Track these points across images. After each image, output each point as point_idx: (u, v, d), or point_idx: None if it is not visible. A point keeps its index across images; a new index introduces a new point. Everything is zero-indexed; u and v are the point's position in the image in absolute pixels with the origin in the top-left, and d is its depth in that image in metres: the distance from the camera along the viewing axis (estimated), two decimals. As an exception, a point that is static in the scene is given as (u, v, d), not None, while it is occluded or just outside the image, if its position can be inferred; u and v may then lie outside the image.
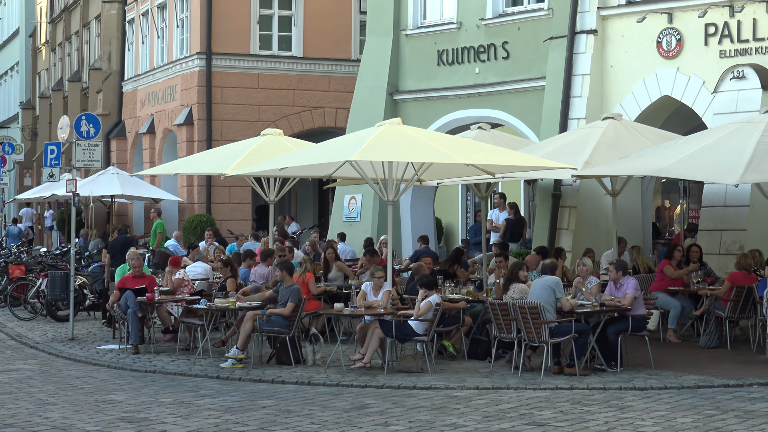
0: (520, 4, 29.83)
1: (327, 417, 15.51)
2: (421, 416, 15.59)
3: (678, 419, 15.02)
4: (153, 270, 26.19)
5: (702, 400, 16.71)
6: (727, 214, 24.95)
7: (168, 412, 16.02)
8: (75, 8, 58.07)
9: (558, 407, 16.23)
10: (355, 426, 14.84)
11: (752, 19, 24.55)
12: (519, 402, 16.77)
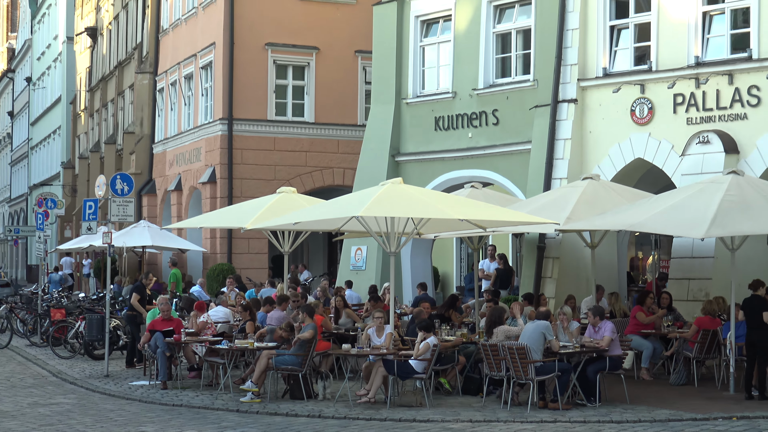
0: (509, 76, 29.92)
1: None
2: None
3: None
4: (179, 314, 26.20)
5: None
6: (693, 264, 24.97)
7: (193, 442, 16.04)
8: (111, 78, 58.34)
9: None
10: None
11: (716, 90, 24.65)
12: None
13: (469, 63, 30.50)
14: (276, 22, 39.54)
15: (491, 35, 30.08)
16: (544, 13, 28.45)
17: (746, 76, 24.21)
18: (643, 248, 33.04)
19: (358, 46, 38.94)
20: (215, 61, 40.29)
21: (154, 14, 48.93)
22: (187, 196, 43.38)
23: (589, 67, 27.33)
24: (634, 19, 26.67)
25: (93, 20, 65.62)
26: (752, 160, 23.84)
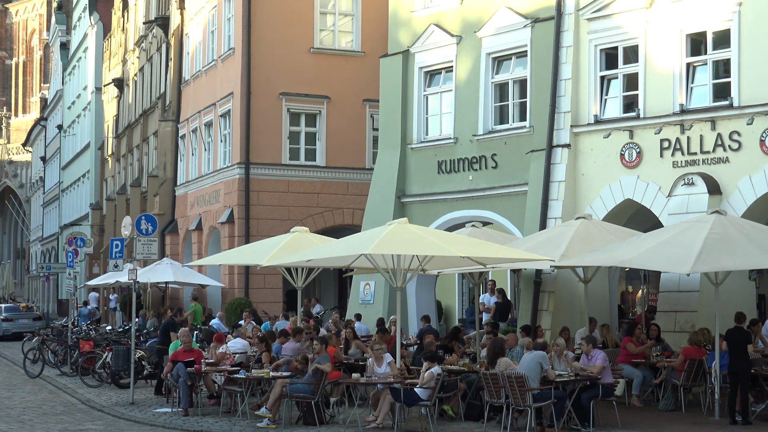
0: (506, 123, 29.97)
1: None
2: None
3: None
4: (200, 345, 26.22)
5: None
6: (680, 298, 24.93)
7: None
8: (136, 126, 58.51)
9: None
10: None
11: (699, 135, 24.68)
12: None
13: (469, 111, 30.58)
14: (289, 73, 39.71)
15: (490, 85, 30.18)
16: (539, 65, 28.55)
17: (728, 123, 24.26)
18: (633, 283, 33.04)
19: (366, 95, 39.05)
20: (233, 109, 40.44)
21: (176, 66, 49.16)
22: (207, 235, 43.44)
23: (581, 114, 27.39)
24: (623, 69, 26.77)
25: (120, 72, 65.91)
26: (734, 200, 23.84)
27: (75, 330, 37.55)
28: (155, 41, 53.77)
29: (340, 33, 40.85)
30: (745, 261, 19.89)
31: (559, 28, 27.81)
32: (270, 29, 39.50)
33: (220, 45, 42.69)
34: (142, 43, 57.67)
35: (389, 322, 26.50)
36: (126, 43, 64.24)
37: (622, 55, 26.77)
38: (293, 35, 39.73)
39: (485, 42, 30.10)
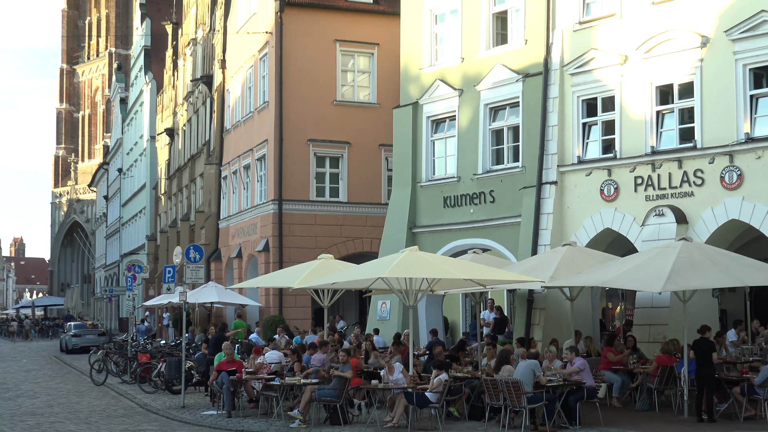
0: (502, 163, 29.94)
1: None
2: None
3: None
4: (241, 356, 26.21)
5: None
6: (653, 313, 24.85)
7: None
8: (185, 169, 58.68)
9: (534, 455, 16.12)
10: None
11: (668, 173, 24.65)
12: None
13: (470, 153, 30.60)
14: (315, 123, 39.79)
15: (487, 131, 30.20)
16: (529, 113, 28.58)
17: (692, 162, 24.23)
18: (612, 300, 32.95)
19: (381, 141, 39.08)
20: (268, 153, 40.54)
21: (219, 117, 49.37)
22: (246, 262, 43.47)
23: (566, 155, 27.39)
24: (601, 117, 26.78)
25: (171, 122, 66.15)
26: (698, 229, 23.79)
27: (134, 344, 37.61)
28: (201, 96, 54.02)
29: (359, 88, 40.96)
30: (708, 281, 19.86)
31: (547, 82, 27.88)
32: (299, 85, 39.63)
33: (256, 99, 42.88)
34: (189, 97, 57.93)
35: (403, 336, 26.41)
36: (176, 97, 64.53)
37: (601, 105, 26.82)
38: (319, 90, 39.87)
39: (483, 94, 30.16)
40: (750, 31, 23.15)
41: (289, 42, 39.63)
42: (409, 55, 33.11)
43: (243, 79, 45.16)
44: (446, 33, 31.94)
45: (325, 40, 39.94)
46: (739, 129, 23.41)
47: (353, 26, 40.33)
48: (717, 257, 20.12)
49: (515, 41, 29.47)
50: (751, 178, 23.10)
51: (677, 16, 24.78)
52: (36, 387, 33.59)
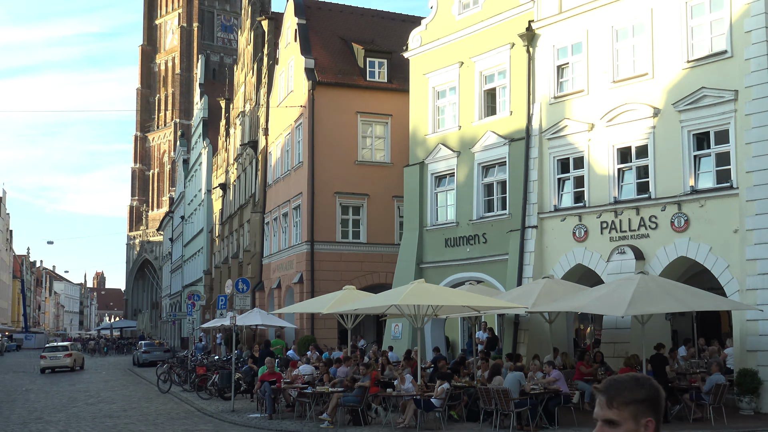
0: (492, 211, 29.96)
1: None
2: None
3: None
4: (280, 369, 26.19)
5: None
6: (617, 333, 24.78)
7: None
8: (235, 216, 58.88)
9: (520, 451, 16.02)
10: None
11: (628, 219, 24.67)
12: (497, 447, 16.57)
13: (466, 203, 30.67)
14: (340, 178, 39.99)
15: (481, 185, 30.31)
16: (514, 171, 28.68)
17: (647, 209, 24.25)
18: (584, 322, 32.77)
19: (394, 193, 39.18)
20: (302, 204, 40.68)
21: (262, 175, 49.64)
22: (284, 291, 43.48)
23: (545, 204, 27.44)
24: (573, 173, 26.86)
25: (224, 179, 66.49)
26: (654, 264, 23.75)
27: (192, 359, 37.60)
28: (248, 157, 54.35)
29: (376, 150, 41.19)
30: (662, 307, 19.84)
31: (528, 145, 28.00)
32: (327, 148, 39.88)
33: (293, 159, 43.11)
34: (239, 158, 58.25)
35: (412, 352, 26.33)
36: (228, 158, 64.90)
37: (572, 163, 26.89)
38: (343, 152, 40.10)
39: (477, 155, 30.28)
40: (693, 103, 23.28)
41: (319, 113, 39.95)
42: (416, 124, 33.32)
43: (282, 144, 45.46)
44: (446, 106, 32.17)
45: (348, 112, 40.24)
46: (685, 183, 23.44)
47: (371, 101, 40.63)
48: (669, 287, 20.08)
49: (502, 112, 29.64)
50: (696, 223, 23.10)
51: (634, 92, 24.94)
52: (113, 394, 33.63)
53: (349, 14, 45.21)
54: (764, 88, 21.98)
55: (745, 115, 22.23)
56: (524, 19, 28.67)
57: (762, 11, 22.18)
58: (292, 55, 42.94)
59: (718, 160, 23.02)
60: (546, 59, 27.71)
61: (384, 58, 41.06)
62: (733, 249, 22.20)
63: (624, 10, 25.43)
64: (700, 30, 23.57)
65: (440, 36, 32.21)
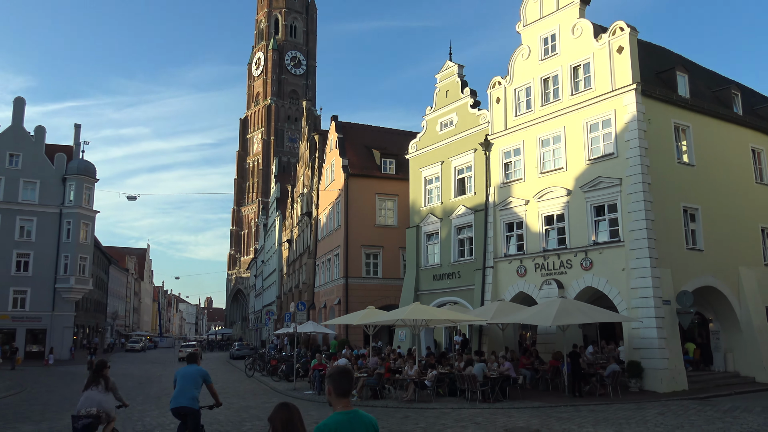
0: (464, 257, 29.83)
1: (396, 420, 15.10)
2: (431, 419, 15.15)
3: (529, 419, 14.51)
4: (325, 360, 25.85)
5: (540, 413, 16.14)
6: (547, 337, 24.48)
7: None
8: (297, 260, 58.77)
9: (482, 415, 15.71)
10: (404, 419, 14.44)
11: (552, 261, 24.52)
12: (468, 413, 16.26)
13: (447, 251, 30.60)
14: (365, 236, 39.86)
15: (456, 240, 30.27)
16: (478, 230, 28.66)
17: (565, 255, 24.13)
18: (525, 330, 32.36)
19: (400, 245, 39.13)
20: (340, 252, 40.55)
21: (314, 233, 49.70)
22: (328, 310, 43.10)
23: (498, 252, 27.35)
24: (516, 232, 26.81)
25: (289, 236, 66.59)
26: (570, 291, 23.55)
27: (268, 354, 37.18)
28: (305, 221, 54.41)
29: (388, 217, 41.13)
30: (576, 319, 19.60)
31: (486, 214, 28.03)
32: (357, 216, 39.91)
33: (334, 223, 43.10)
34: (299, 223, 58.35)
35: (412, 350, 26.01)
36: (292, 223, 64.98)
37: (515, 225, 26.87)
38: (367, 218, 40.07)
39: (453, 221, 30.31)
40: (594, 187, 23.32)
41: (351, 194, 40.08)
42: (414, 200, 33.43)
43: (326, 213, 45.58)
44: (433, 189, 32.29)
45: (370, 193, 40.33)
46: (589, 238, 23.36)
47: (385, 185, 40.76)
48: (581, 307, 19.88)
49: (469, 193, 29.74)
50: (597, 264, 22.95)
51: (554, 180, 25.02)
52: (216, 377, 33.18)
53: (370, 131, 45.73)
54: (638, 177, 22.06)
55: (627, 194, 22.25)
56: (483, 133, 28.98)
57: (636, 128, 22.37)
58: (334, 157, 43.34)
59: (611, 223, 22.98)
60: (497, 159, 27.92)
61: (393, 158, 41.34)
62: (622, 281, 22.02)
63: (546, 127, 25.68)
64: (596, 140, 23.75)
65: (428, 144, 32.53)
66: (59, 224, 53.46)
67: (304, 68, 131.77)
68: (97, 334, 69.17)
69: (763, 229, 26.60)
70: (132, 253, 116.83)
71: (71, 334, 53.82)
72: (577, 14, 24.95)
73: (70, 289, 52.86)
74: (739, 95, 28.13)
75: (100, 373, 9.49)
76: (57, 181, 54.01)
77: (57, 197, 53.81)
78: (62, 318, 52.74)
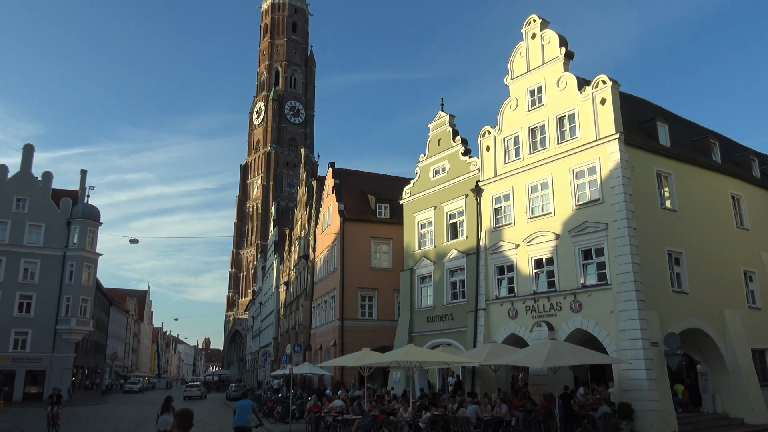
0: (457, 299, 29.60)
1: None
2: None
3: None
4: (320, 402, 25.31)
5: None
6: (538, 378, 24.08)
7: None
8: (294, 302, 58.22)
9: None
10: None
11: (542, 304, 24.36)
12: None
13: (440, 294, 30.39)
14: (360, 278, 39.65)
15: (449, 282, 30.09)
16: (470, 273, 28.53)
17: (555, 298, 23.99)
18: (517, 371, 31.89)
19: (394, 287, 38.90)
20: (336, 294, 40.23)
21: (311, 276, 49.37)
22: (324, 351, 42.49)
23: (490, 294, 27.16)
24: (507, 275, 26.68)
25: (286, 278, 66.14)
26: (560, 333, 23.33)
27: (264, 396, 36.42)
28: (302, 265, 54.12)
29: (382, 260, 40.97)
30: (567, 361, 19.27)
31: (478, 257, 27.96)
32: (352, 259, 39.75)
33: (331, 266, 42.87)
34: (297, 266, 58.05)
35: (406, 391, 25.53)
36: (290, 265, 64.60)
37: (506, 269, 26.77)
38: (361, 262, 39.91)
39: (446, 264, 30.20)
40: (581, 231, 23.36)
41: (347, 238, 40.01)
42: (408, 244, 33.36)
43: (323, 256, 45.39)
44: (426, 233, 32.28)
45: (365, 237, 40.29)
46: (578, 281, 23.27)
47: (380, 229, 40.76)
48: (571, 348, 19.62)
49: (461, 237, 29.74)
50: (586, 306, 22.80)
51: (543, 224, 25.07)
52: (214, 418, 32.29)
53: (365, 177, 45.99)
54: (623, 222, 22.13)
55: (613, 239, 22.28)
56: (473, 179, 29.16)
57: (620, 175, 22.56)
58: (330, 202, 43.45)
59: (598, 266, 22.93)
60: (488, 204, 28.01)
61: (387, 203, 41.49)
62: (610, 323, 21.84)
63: (535, 174, 25.88)
64: (583, 186, 23.91)
65: (422, 190, 32.68)
66: (62, 266, 53.05)
67: (302, 117, 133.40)
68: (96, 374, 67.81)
69: (745, 272, 26.59)
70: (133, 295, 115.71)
71: (70, 375, 52.77)
72: (561, 68, 25.45)
73: (70, 331, 52.08)
74: (717, 144, 28.52)
75: (169, 404, 13.86)
76: (62, 224, 53.86)
77: (61, 240, 53.55)
78: (62, 359, 51.80)
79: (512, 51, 27.55)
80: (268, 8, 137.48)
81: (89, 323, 54.29)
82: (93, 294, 55.20)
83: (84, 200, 55.92)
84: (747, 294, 26.26)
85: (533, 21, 26.88)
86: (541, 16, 26.71)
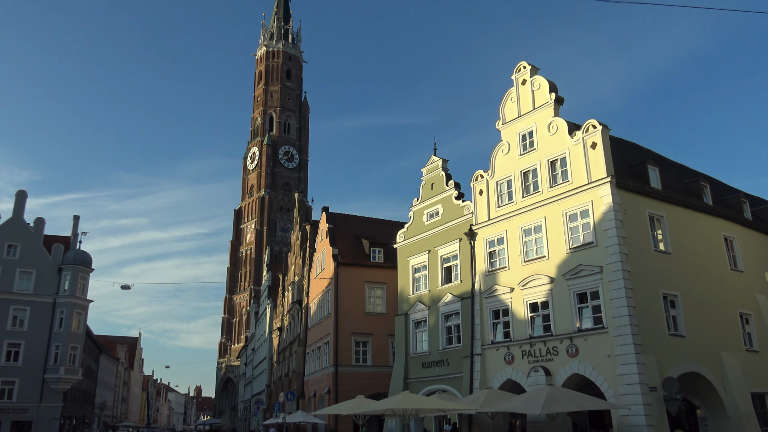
0: (452, 344, 29.28)
1: None
2: None
3: None
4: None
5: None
6: (536, 425, 23.55)
7: None
8: (288, 347, 57.41)
9: None
10: None
11: (539, 348, 24.11)
12: None
13: (435, 338, 30.07)
14: (355, 323, 39.23)
15: (444, 327, 29.82)
16: (465, 318, 28.30)
17: (551, 342, 23.75)
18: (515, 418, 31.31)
19: (389, 333, 38.50)
20: (330, 340, 39.70)
21: (305, 321, 48.86)
22: (318, 399, 41.64)
23: (485, 339, 26.88)
24: (502, 319, 26.48)
25: (279, 323, 65.40)
26: (557, 379, 23.01)
27: (257, 446, 35.49)
28: (296, 309, 53.60)
29: (377, 305, 40.61)
30: (565, 407, 19.00)
31: (473, 302, 27.80)
32: (347, 304, 39.42)
33: (324, 311, 42.46)
34: (290, 311, 57.47)
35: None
36: (283, 311, 63.99)
37: (501, 313, 26.58)
38: (356, 307, 39.59)
39: (441, 308, 29.99)
40: (575, 275, 23.33)
41: (341, 282, 39.77)
42: (402, 288, 33.17)
43: (317, 301, 45.00)
44: (421, 277, 32.15)
45: (359, 281, 40.04)
46: (573, 325, 23.11)
47: (374, 274, 40.56)
48: (568, 394, 19.36)
49: (456, 281, 29.62)
50: (583, 351, 22.57)
51: (537, 268, 25.04)
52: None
53: (359, 221, 46.09)
54: (618, 265, 22.13)
55: (608, 282, 22.24)
56: (467, 223, 29.25)
57: (612, 218, 22.68)
58: (324, 246, 43.37)
59: (594, 310, 22.81)
60: (482, 248, 28.02)
61: (381, 247, 41.43)
62: (608, 368, 21.58)
63: (528, 217, 25.99)
64: (576, 229, 24.00)
65: (415, 234, 32.71)
66: (52, 314, 52.31)
67: (296, 162, 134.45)
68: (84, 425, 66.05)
69: (741, 314, 26.50)
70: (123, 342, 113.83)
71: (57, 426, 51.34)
72: (552, 113, 25.88)
73: (59, 380, 50.96)
74: (707, 186, 28.82)
75: None
76: (53, 270, 53.37)
77: (52, 287, 52.97)
78: (49, 409, 50.50)
79: (503, 96, 28.05)
80: (262, 56, 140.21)
81: (78, 372, 53.19)
82: (83, 341, 54.27)
83: (76, 246, 55.58)
84: (744, 337, 26.10)
85: (523, 68, 27.45)
86: (530, 62, 27.31)
